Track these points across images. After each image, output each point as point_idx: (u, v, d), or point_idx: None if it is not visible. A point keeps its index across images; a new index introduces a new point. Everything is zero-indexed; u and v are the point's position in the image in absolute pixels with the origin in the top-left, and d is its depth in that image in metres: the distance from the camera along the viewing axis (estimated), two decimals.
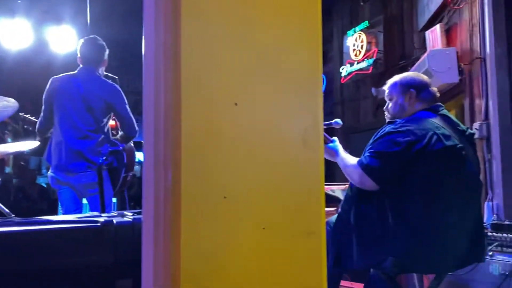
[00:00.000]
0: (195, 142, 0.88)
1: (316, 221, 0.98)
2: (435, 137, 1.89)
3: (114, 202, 4.67)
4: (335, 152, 2.19)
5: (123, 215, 1.29)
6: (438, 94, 2.17)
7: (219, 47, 0.92)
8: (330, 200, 3.69)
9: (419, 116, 2.05)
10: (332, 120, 2.47)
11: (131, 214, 1.29)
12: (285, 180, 0.97)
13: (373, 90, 6.12)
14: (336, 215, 2.21)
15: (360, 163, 1.95)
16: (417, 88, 2.11)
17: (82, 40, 3.22)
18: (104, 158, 2.75)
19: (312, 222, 0.98)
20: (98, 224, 1.14)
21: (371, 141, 2.05)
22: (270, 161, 0.95)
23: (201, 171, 0.88)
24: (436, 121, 1.99)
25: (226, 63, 0.93)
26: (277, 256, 0.95)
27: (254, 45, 0.96)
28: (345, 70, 7.19)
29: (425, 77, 2.22)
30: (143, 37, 1.00)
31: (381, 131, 2.01)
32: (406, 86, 2.13)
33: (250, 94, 0.94)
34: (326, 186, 3.71)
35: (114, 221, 1.16)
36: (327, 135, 2.24)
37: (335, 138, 2.26)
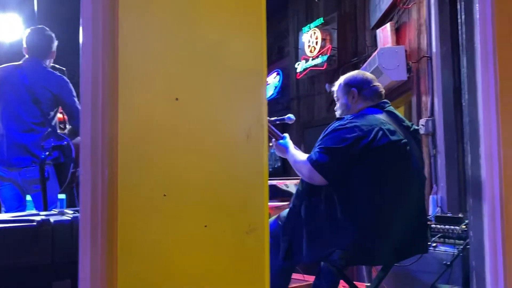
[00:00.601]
0: (133, 138, 0.85)
1: (259, 217, 0.98)
2: (380, 132, 1.94)
3: (63, 199, 4.51)
4: (285, 148, 2.22)
5: (63, 213, 1.24)
6: (382, 90, 2.23)
7: (159, 40, 0.90)
8: (284, 194, 3.72)
9: (366, 113, 2.10)
10: (285, 115, 2.49)
11: (72, 212, 1.24)
12: (228, 176, 0.96)
13: (326, 86, 6.23)
14: (287, 210, 2.23)
15: (309, 159, 1.98)
16: (358, 86, 2.17)
17: (28, 30, 3.07)
18: (47, 153, 2.63)
19: (255, 218, 0.97)
20: (34, 223, 1.08)
21: (320, 137, 2.08)
22: (212, 157, 0.94)
23: (139, 168, 0.86)
24: (382, 117, 2.05)
25: (166, 56, 0.90)
26: (220, 253, 0.94)
27: (196, 39, 0.94)
28: (300, 66, 7.27)
29: (368, 74, 2.28)
30: (80, 28, 0.96)
31: (330, 127, 2.05)
32: (348, 86, 2.19)
33: (191, 89, 0.92)
34: (280, 181, 3.75)
35: (52, 220, 1.10)
36: (278, 132, 2.26)
37: (286, 134, 2.29)
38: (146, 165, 0.86)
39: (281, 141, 2.25)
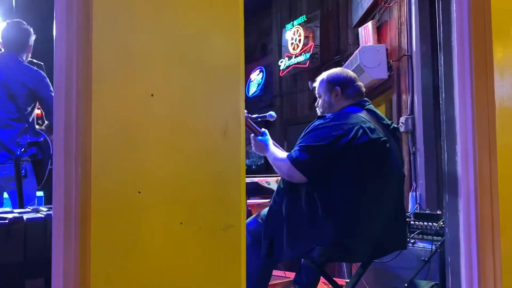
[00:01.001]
0: (107, 134, 0.84)
1: (236, 214, 0.97)
2: (361, 131, 1.95)
3: (41, 196, 4.43)
4: (265, 145, 2.19)
5: (37, 211, 1.21)
6: (364, 89, 2.24)
7: (135, 35, 0.88)
8: (266, 191, 3.73)
9: (346, 111, 2.11)
10: (267, 113, 2.48)
11: (46, 209, 1.22)
12: (204, 173, 0.95)
13: (309, 84, 6.25)
14: (267, 208, 2.23)
15: (289, 157, 1.98)
16: (342, 85, 2.17)
17: (4, 24, 3.00)
18: (23, 149, 2.58)
19: (232, 215, 0.97)
20: (6, 221, 1.06)
21: (301, 135, 2.08)
22: (188, 154, 0.93)
23: (113, 165, 0.84)
24: (362, 115, 2.06)
25: (141, 51, 0.89)
26: (195, 250, 0.94)
27: (172, 34, 0.93)
28: (283, 63, 7.29)
29: (351, 73, 2.28)
30: (54, 22, 0.94)
31: (311, 125, 2.05)
32: (332, 84, 2.18)
33: (167, 85, 0.91)
34: (262, 178, 3.75)
35: (25, 218, 1.08)
36: (257, 128, 2.23)
37: (265, 130, 2.26)
38: (120, 162, 0.85)
39: (260, 137, 2.22)
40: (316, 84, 2.27)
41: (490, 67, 1.61)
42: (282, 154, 2.11)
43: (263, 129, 2.24)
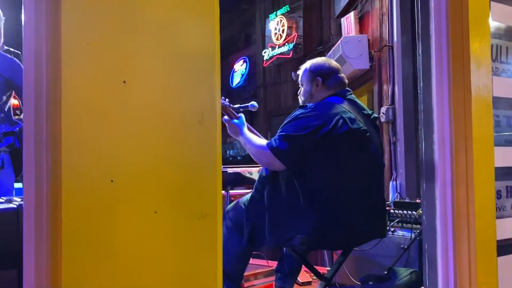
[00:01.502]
0: (77, 122, 0.82)
1: (211, 202, 0.97)
2: (341, 121, 1.96)
3: (20, 188, 4.35)
4: (239, 129, 2.19)
5: (10, 201, 1.19)
6: (346, 81, 2.25)
7: (105, 20, 0.87)
8: (248, 182, 3.73)
9: (327, 101, 2.12)
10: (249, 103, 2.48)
11: (20, 199, 1.19)
12: (178, 161, 0.94)
13: (293, 74, 6.25)
14: (248, 195, 2.24)
15: (269, 146, 1.98)
16: (324, 75, 2.18)
17: None
18: None
19: (207, 203, 0.97)
20: None
21: (283, 124, 2.09)
22: (162, 142, 0.92)
23: (84, 154, 0.83)
24: (343, 105, 2.07)
25: (112, 37, 0.87)
26: (171, 240, 0.93)
27: (144, 20, 0.91)
28: (267, 53, 7.27)
29: (334, 64, 2.28)
30: (22, 7, 0.91)
31: (292, 115, 2.06)
32: (314, 74, 2.19)
33: (140, 71, 0.89)
34: (244, 168, 3.75)
35: None
36: (234, 112, 2.23)
37: (241, 114, 2.25)
38: (92, 150, 0.84)
39: (235, 120, 2.22)
40: (300, 72, 2.28)
41: (467, 56, 1.63)
42: (260, 140, 2.11)
43: (239, 114, 2.24)
